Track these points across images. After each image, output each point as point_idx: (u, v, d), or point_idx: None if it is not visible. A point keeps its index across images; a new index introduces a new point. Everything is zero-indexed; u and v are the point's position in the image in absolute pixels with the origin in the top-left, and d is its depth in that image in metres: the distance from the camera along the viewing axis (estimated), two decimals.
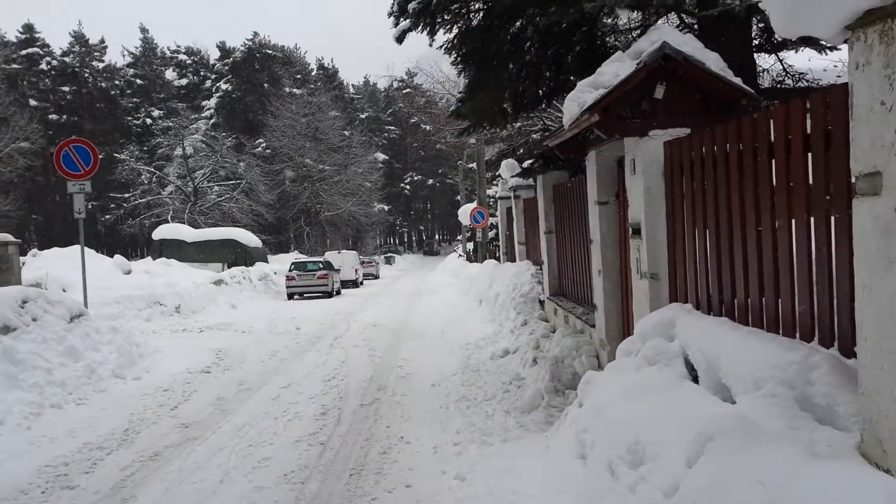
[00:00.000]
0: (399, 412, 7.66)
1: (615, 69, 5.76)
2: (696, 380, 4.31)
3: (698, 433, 3.50)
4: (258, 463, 6.08)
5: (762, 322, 4.26)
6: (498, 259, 20.19)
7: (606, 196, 6.99)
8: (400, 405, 7.98)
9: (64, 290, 14.65)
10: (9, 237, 11.52)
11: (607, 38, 11.31)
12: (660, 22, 11.28)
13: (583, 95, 5.90)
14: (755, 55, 9.57)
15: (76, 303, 11.23)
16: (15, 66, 55.88)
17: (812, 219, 3.67)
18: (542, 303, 11.19)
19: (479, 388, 8.38)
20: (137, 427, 7.47)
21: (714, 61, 5.63)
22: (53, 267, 17.76)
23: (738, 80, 5.74)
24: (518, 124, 16.22)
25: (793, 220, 3.86)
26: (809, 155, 3.66)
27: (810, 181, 3.68)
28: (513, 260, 15.69)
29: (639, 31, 11.85)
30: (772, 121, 4.00)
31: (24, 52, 59.42)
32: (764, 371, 3.57)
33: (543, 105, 11.84)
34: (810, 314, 3.74)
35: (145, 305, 17.53)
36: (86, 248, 13.52)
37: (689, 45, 5.65)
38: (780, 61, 10.54)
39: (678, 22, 10.40)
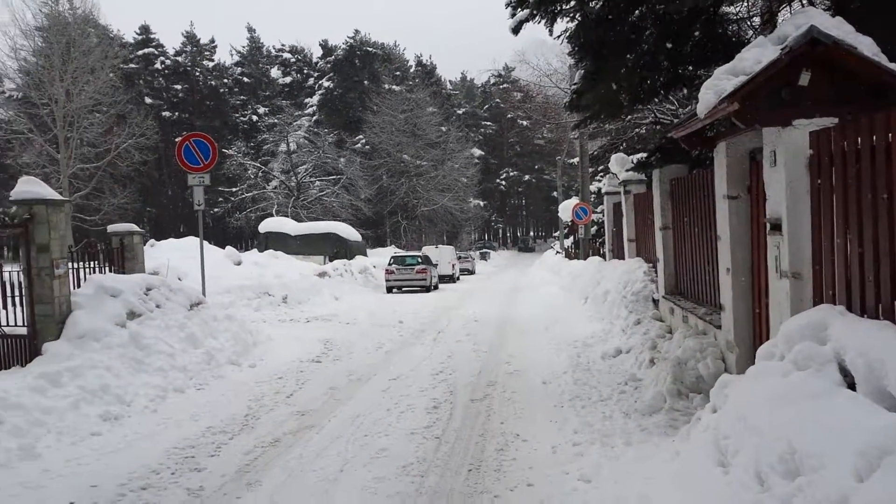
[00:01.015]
0: (512, 409, 7.54)
1: (756, 55, 5.42)
2: (851, 387, 3.99)
3: (869, 445, 3.22)
4: (376, 453, 6.09)
5: None
6: (602, 256, 19.75)
7: (737, 190, 6.62)
8: (512, 402, 7.85)
9: (180, 279, 15.24)
10: (134, 227, 12.05)
11: (728, 27, 10.84)
12: (784, 9, 10.70)
13: (721, 83, 5.58)
14: None
15: (195, 291, 11.67)
16: (132, 65, 58.90)
17: None
18: (655, 302, 10.81)
19: (592, 388, 8.15)
20: (256, 413, 7.66)
21: (867, 46, 5.22)
22: (170, 257, 18.57)
23: (894, 66, 5.30)
24: (627, 117, 15.78)
25: None
26: None
27: None
28: (620, 257, 15.27)
29: (760, 20, 11.30)
30: None
31: (140, 52, 62.56)
32: None
33: (659, 97, 11.46)
34: None
35: (254, 295, 18.07)
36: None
37: (839, 30, 5.25)
38: None
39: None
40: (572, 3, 8.47)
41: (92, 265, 11.01)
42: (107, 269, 11.27)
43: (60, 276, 9.21)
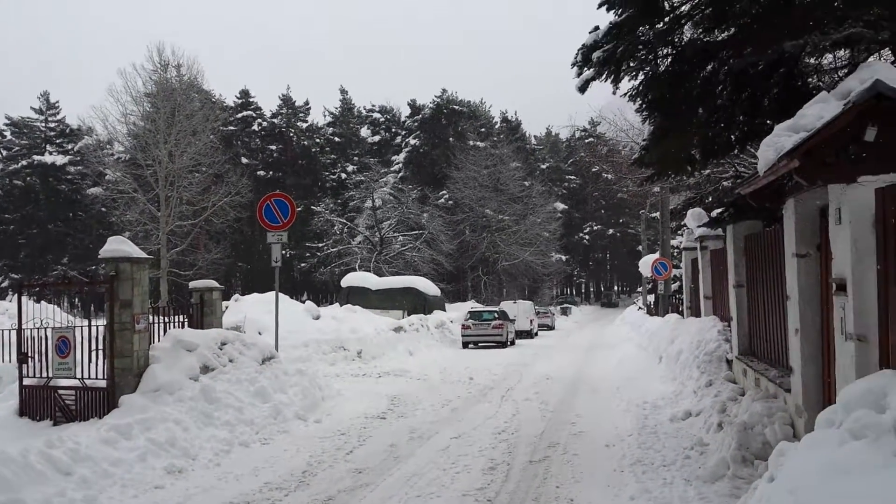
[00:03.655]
0: (570, 472, 7.33)
1: (818, 111, 5.27)
2: None
3: None
4: None
5: None
6: (681, 313, 19.18)
7: (806, 248, 6.36)
8: (571, 464, 7.64)
9: (260, 333, 15.70)
10: (213, 283, 12.53)
11: (809, 79, 10.57)
12: (871, 59, 10.35)
13: (780, 140, 5.44)
14: None
15: (268, 345, 11.97)
16: (231, 127, 62.01)
17: None
18: (729, 362, 10.39)
19: (657, 452, 7.85)
20: (314, 469, 7.71)
21: None
22: (252, 311, 19.18)
23: None
24: (707, 171, 15.45)
25: None
26: None
27: None
28: (697, 315, 14.80)
29: (846, 71, 10.94)
30: None
31: (239, 115, 65.86)
32: None
33: (736, 151, 11.21)
34: None
35: (330, 349, 18.38)
36: (281, 294, 14.46)
37: None
38: None
39: (894, 59, 9.49)
40: (636, 62, 8.45)
41: (172, 320, 11.48)
42: (186, 323, 11.72)
43: (141, 331, 9.65)
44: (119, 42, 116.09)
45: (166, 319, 11.10)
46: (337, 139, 71.81)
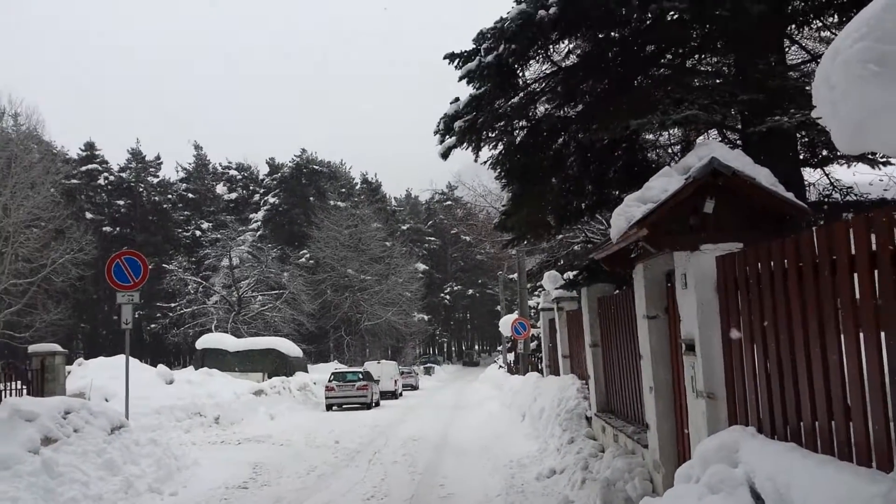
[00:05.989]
0: None
1: (663, 184, 5.76)
2: None
3: None
4: None
5: (832, 448, 4.00)
6: (541, 371, 19.80)
7: (656, 310, 6.82)
8: None
9: (107, 400, 14.66)
10: (56, 347, 11.68)
11: (648, 154, 11.49)
12: (700, 139, 11.44)
13: (630, 210, 5.88)
14: (801, 169, 9.56)
15: (118, 414, 11.20)
16: (74, 181, 58.42)
17: (884, 335, 3.49)
18: (589, 419, 10.81)
19: None
20: None
21: (765, 177, 5.60)
22: (98, 376, 17.87)
23: (790, 196, 5.69)
24: (560, 236, 16.29)
25: (861, 338, 3.68)
26: (876, 272, 3.53)
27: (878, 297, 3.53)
28: (556, 373, 15.35)
29: (679, 147, 12.03)
30: (834, 237, 3.89)
31: (84, 168, 62.28)
32: None
33: (586, 218, 11.94)
34: (887, 441, 3.49)
35: (185, 416, 17.43)
36: (130, 358, 13.59)
37: (739, 161, 5.64)
38: (827, 175, 10.50)
39: (720, 138, 10.53)
40: (495, 133, 8.90)
41: (11, 386, 10.55)
42: (25, 391, 10.79)
43: None
44: None
45: (1, 387, 10.19)
46: (191, 195, 69.54)
